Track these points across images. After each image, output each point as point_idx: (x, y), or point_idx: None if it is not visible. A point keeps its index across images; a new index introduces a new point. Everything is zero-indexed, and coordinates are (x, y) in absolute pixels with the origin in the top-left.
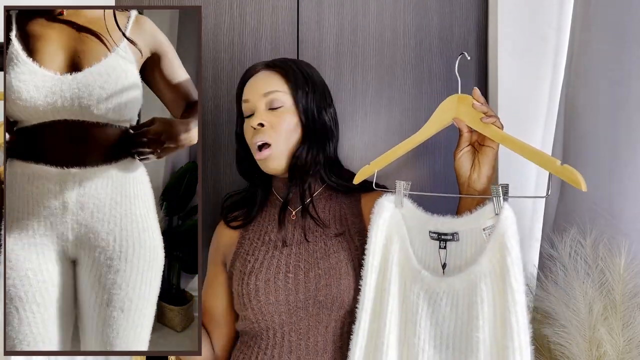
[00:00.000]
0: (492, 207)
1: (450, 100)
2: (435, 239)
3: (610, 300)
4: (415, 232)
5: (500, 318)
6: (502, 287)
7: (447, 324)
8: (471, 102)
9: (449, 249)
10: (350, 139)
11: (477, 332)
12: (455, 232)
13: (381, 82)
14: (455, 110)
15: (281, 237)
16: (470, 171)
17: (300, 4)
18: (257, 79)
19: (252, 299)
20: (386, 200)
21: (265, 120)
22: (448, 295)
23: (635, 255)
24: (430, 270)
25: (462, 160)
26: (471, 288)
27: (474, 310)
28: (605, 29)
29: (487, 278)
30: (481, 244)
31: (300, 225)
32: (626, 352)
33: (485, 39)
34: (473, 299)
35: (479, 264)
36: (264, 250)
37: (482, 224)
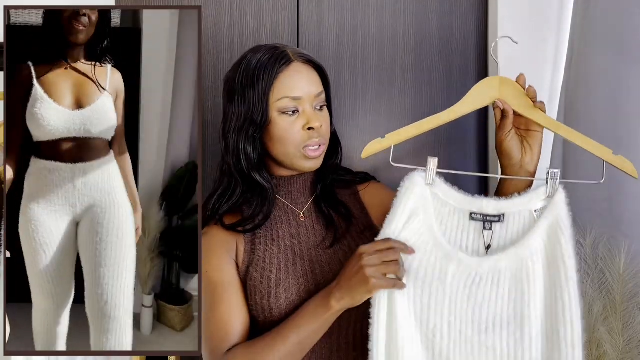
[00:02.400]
0: (544, 190)
1: (489, 82)
2: (480, 220)
3: (610, 300)
4: (449, 213)
5: (550, 293)
6: (554, 264)
7: (486, 304)
8: (517, 86)
9: (494, 230)
10: (350, 139)
11: (524, 308)
12: (502, 213)
13: (381, 82)
14: (497, 93)
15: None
16: (522, 153)
17: (300, 4)
18: (301, 75)
19: (284, 313)
20: (418, 175)
21: (322, 122)
22: (489, 275)
23: (635, 255)
24: (470, 252)
25: (512, 143)
26: (518, 266)
27: (520, 287)
28: (605, 29)
29: (537, 255)
30: (529, 225)
31: (312, 227)
32: (626, 352)
33: (485, 39)
34: (520, 276)
35: (529, 242)
36: (283, 258)
37: (534, 206)
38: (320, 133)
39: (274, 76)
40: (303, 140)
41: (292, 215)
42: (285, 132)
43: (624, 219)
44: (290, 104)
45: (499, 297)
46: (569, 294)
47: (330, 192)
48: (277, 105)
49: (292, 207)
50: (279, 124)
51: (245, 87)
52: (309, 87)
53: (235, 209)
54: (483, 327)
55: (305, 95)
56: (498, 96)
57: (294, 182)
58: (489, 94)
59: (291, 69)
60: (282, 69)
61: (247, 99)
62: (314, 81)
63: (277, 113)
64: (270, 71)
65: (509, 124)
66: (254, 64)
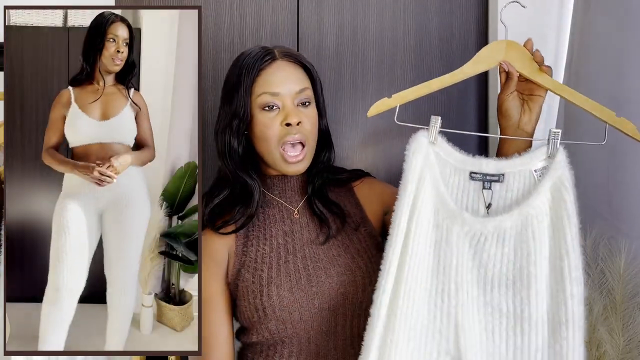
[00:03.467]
0: (544, 150)
1: (497, 45)
2: (479, 180)
3: (610, 300)
4: (451, 172)
5: (555, 252)
6: (558, 223)
7: (492, 263)
8: (523, 50)
9: (493, 190)
10: (350, 139)
11: (529, 266)
12: (502, 173)
13: (381, 82)
14: (503, 55)
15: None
16: (521, 114)
17: (300, 4)
18: (283, 72)
19: (277, 310)
20: (422, 135)
21: (302, 118)
22: (494, 235)
23: (635, 255)
24: (471, 212)
25: (511, 104)
26: (523, 225)
27: (526, 246)
28: (605, 29)
29: (541, 215)
30: (530, 185)
31: (306, 224)
32: (626, 352)
33: (485, 39)
34: (525, 236)
35: (533, 202)
36: (275, 256)
37: (533, 166)
38: (299, 130)
39: (256, 73)
40: (281, 136)
41: (286, 213)
42: (266, 128)
43: (624, 219)
44: (270, 99)
45: (504, 257)
46: (574, 251)
47: (322, 192)
48: (258, 102)
49: (286, 205)
50: (260, 120)
51: (232, 85)
52: (290, 83)
53: (226, 210)
54: (488, 287)
55: (286, 91)
56: (504, 58)
57: (287, 181)
58: (495, 56)
59: (274, 66)
60: (264, 65)
61: (233, 97)
62: (297, 78)
63: (259, 109)
64: (252, 68)
65: (512, 86)
66: (240, 63)
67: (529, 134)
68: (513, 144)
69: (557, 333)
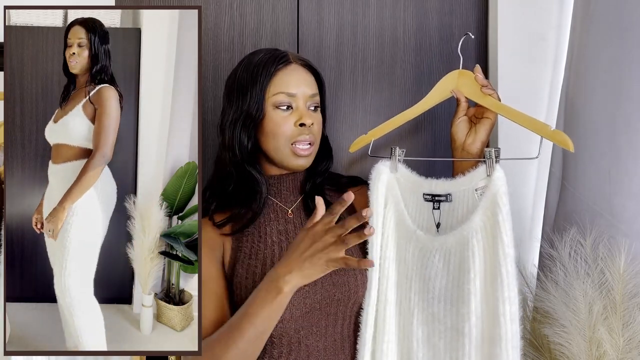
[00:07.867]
0: (484, 169)
1: (451, 75)
2: (429, 200)
3: (610, 300)
4: (409, 195)
5: (490, 270)
6: (493, 242)
7: (439, 279)
8: (471, 76)
9: (442, 209)
10: (350, 139)
11: (469, 284)
12: (448, 193)
13: (381, 82)
14: (455, 83)
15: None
16: (466, 136)
17: (300, 4)
18: (299, 75)
19: None
20: (382, 164)
21: (314, 120)
22: (440, 252)
23: (635, 255)
24: (425, 230)
25: (459, 127)
26: (463, 244)
27: (466, 264)
28: (605, 29)
29: (479, 233)
30: (473, 204)
31: (300, 223)
32: (626, 352)
33: (485, 39)
34: (465, 254)
35: (472, 221)
36: (269, 253)
37: (475, 185)
38: (311, 131)
39: (273, 72)
40: (294, 136)
41: (281, 213)
42: (278, 126)
43: (624, 219)
44: (285, 99)
45: (449, 274)
46: (507, 271)
47: (320, 192)
48: (272, 100)
49: (281, 205)
50: (273, 118)
51: (245, 83)
52: (304, 86)
53: (225, 206)
54: (436, 302)
55: (300, 93)
56: (454, 87)
57: (284, 181)
58: (449, 85)
59: (289, 68)
60: (280, 67)
61: (246, 94)
62: (309, 82)
63: (272, 107)
64: (269, 68)
65: (460, 111)
66: (255, 62)
67: (473, 155)
68: (461, 165)
69: (493, 351)
